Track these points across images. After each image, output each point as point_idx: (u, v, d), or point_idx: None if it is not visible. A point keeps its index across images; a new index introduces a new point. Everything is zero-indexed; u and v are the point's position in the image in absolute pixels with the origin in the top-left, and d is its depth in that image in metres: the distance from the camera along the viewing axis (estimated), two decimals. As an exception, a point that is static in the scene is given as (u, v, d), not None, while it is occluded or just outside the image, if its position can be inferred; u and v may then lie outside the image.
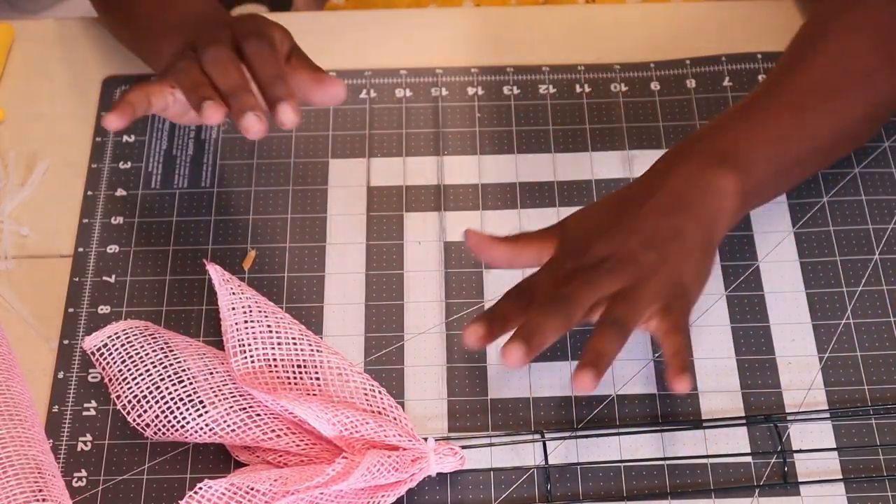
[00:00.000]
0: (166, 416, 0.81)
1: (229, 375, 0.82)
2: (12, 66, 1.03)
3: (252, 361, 0.81)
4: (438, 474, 0.81)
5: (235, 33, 0.87)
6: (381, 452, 0.78)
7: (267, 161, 0.97)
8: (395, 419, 0.81)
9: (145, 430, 0.82)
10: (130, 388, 0.82)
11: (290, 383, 0.81)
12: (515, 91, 1.00)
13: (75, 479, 0.82)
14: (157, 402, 0.81)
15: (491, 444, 0.83)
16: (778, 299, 0.89)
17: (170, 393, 0.81)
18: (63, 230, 0.94)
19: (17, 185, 0.96)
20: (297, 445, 0.80)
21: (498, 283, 0.90)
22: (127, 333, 0.84)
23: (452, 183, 0.95)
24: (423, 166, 0.96)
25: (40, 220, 0.94)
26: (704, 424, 0.83)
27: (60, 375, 0.86)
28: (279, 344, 0.82)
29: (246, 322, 0.82)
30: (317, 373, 0.82)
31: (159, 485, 0.82)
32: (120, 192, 0.95)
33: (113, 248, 0.92)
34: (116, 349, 0.83)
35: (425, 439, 0.80)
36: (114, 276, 0.91)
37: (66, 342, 0.88)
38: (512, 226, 0.93)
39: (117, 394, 0.82)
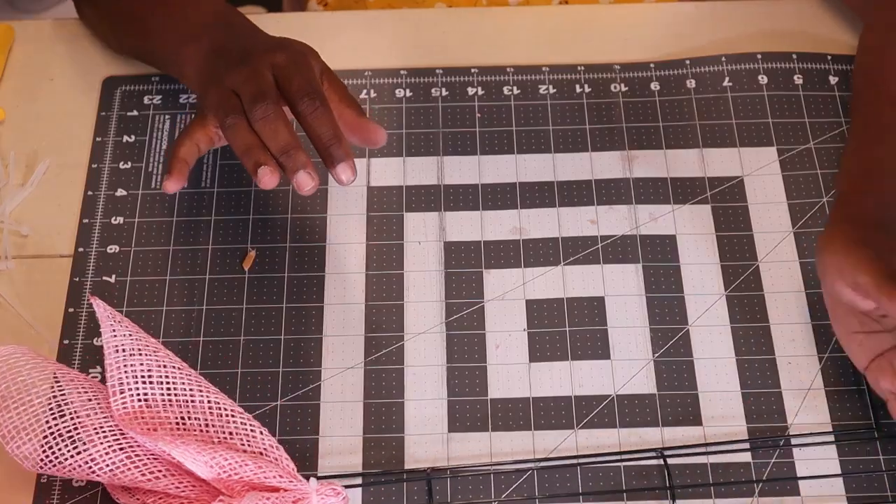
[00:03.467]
0: (45, 451, 0.78)
1: (112, 413, 0.79)
2: (12, 66, 1.03)
3: (133, 400, 0.79)
4: (438, 470, 0.81)
5: (278, 73, 0.87)
6: (261, 495, 0.76)
7: (267, 161, 0.96)
8: (275, 460, 0.79)
9: (23, 462, 0.78)
10: (11, 417, 0.78)
11: (169, 424, 0.79)
12: (515, 91, 1.00)
13: (75, 480, 0.82)
14: (36, 436, 0.78)
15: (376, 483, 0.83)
16: (778, 299, 0.89)
17: (49, 427, 0.78)
18: (63, 230, 0.94)
19: (17, 185, 0.96)
20: (177, 487, 0.78)
21: (498, 283, 0.90)
22: (16, 358, 0.80)
23: (452, 183, 0.95)
24: (423, 166, 0.96)
25: (40, 220, 0.94)
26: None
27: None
28: (159, 383, 0.79)
29: (126, 361, 0.79)
30: (196, 414, 0.79)
31: None
32: (120, 192, 0.95)
33: (113, 248, 0.93)
34: (1, 373, 0.80)
35: (308, 479, 0.78)
36: (114, 276, 0.91)
37: (66, 342, 0.88)
38: (512, 226, 0.93)
39: None
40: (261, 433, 0.79)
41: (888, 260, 0.79)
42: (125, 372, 0.79)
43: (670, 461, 0.82)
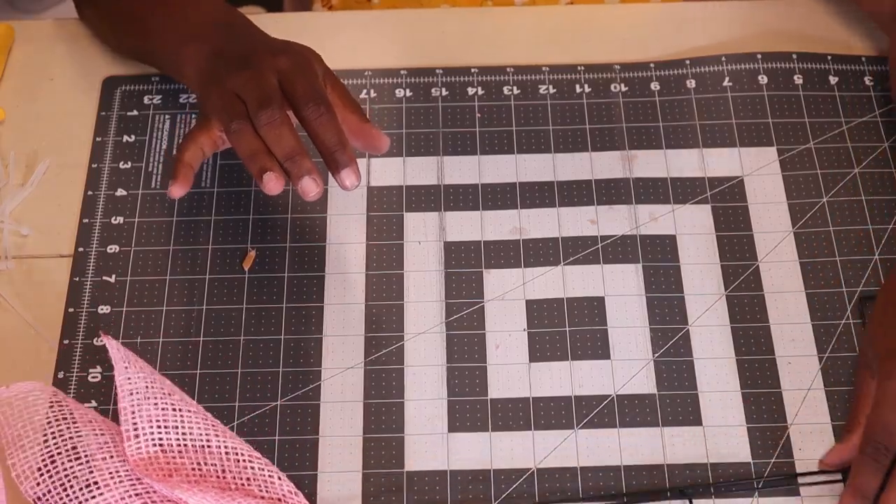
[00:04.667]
0: (59, 494, 0.76)
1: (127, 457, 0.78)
2: (12, 66, 1.03)
3: (148, 445, 0.78)
4: (439, 469, 0.81)
5: (282, 78, 0.87)
6: None
7: (267, 161, 0.96)
8: None
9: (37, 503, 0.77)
10: (27, 456, 0.77)
11: (185, 470, 0.78)
12: (515, 91, 1.00)
13: None
14: (51, 477, 0.76)
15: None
16: (778, 299, 0.89)
17: (65, 469, 0.77)
18: (63, 230, 0.94)
19: (17, 185, 0.96)
20: None
21: (498, 283, 0.90)
22: (35, 396, 0.79)
23: (452, 183, 0.95)
24: (423, 166, 0.96)
25: (40, 220, 0.94)
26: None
27: (61, 375, 0.86)
28: (174, 428, 0.78)
29: (140, 405, 0.78)
30: (213, 460, 0.78)
31: None
32: (120, 192, 0.95)
33: (113, 248, 0.93)
34: (20, 410, 0.78)
35: None
36: (114, 276, 0.91)
37: (66, 342, 0.88)
38: (512, 226, 0.93)
39: (13, 461, 0.77)
40: (279, 479, 0.78)
41: None
42: (139, 416, 0.78)
43: (669, 461, 0.82)
